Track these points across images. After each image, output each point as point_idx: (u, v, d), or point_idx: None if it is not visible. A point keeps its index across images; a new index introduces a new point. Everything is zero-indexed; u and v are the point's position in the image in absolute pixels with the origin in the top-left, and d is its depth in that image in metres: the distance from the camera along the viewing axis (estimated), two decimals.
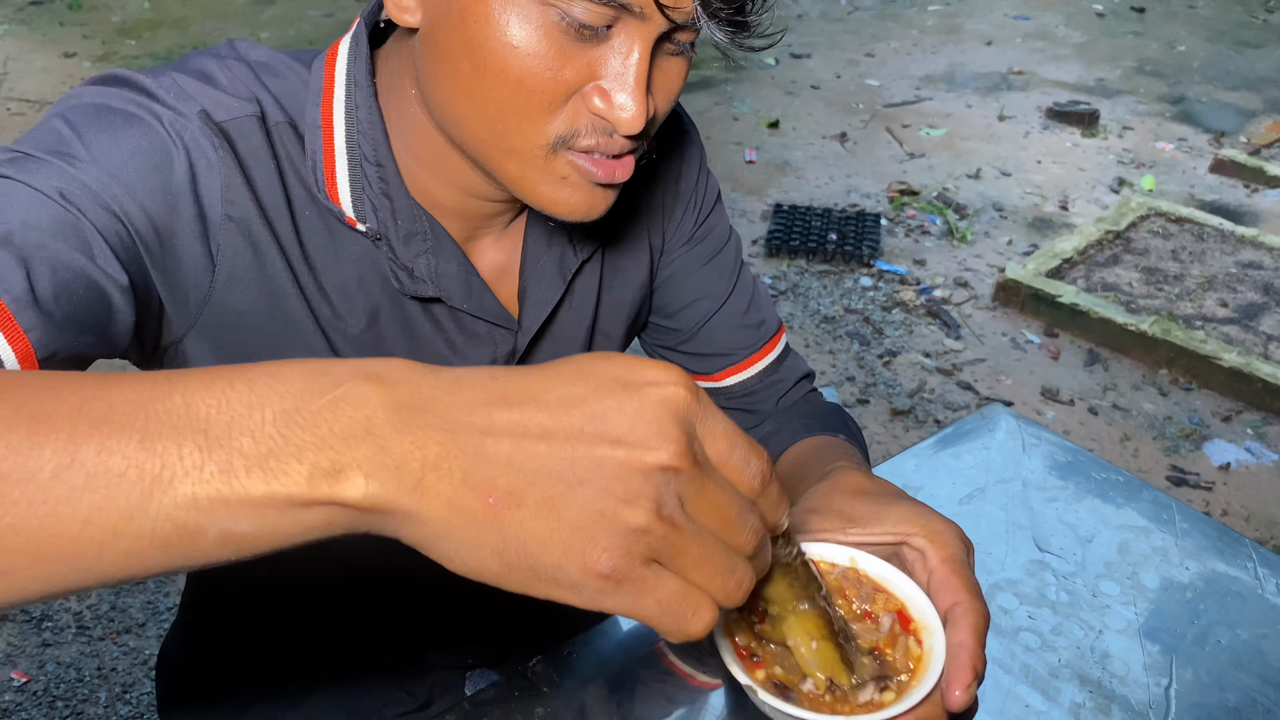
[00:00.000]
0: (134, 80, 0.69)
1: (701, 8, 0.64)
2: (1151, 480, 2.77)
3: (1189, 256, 3.72)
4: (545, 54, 0.64)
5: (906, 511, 0.69)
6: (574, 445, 0.42)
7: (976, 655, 0.61)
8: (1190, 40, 6.14)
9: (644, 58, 0.65)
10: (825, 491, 0.74)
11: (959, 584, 0.64)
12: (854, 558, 0.67)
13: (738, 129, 4.67)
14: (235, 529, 0.41)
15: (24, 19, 5.38)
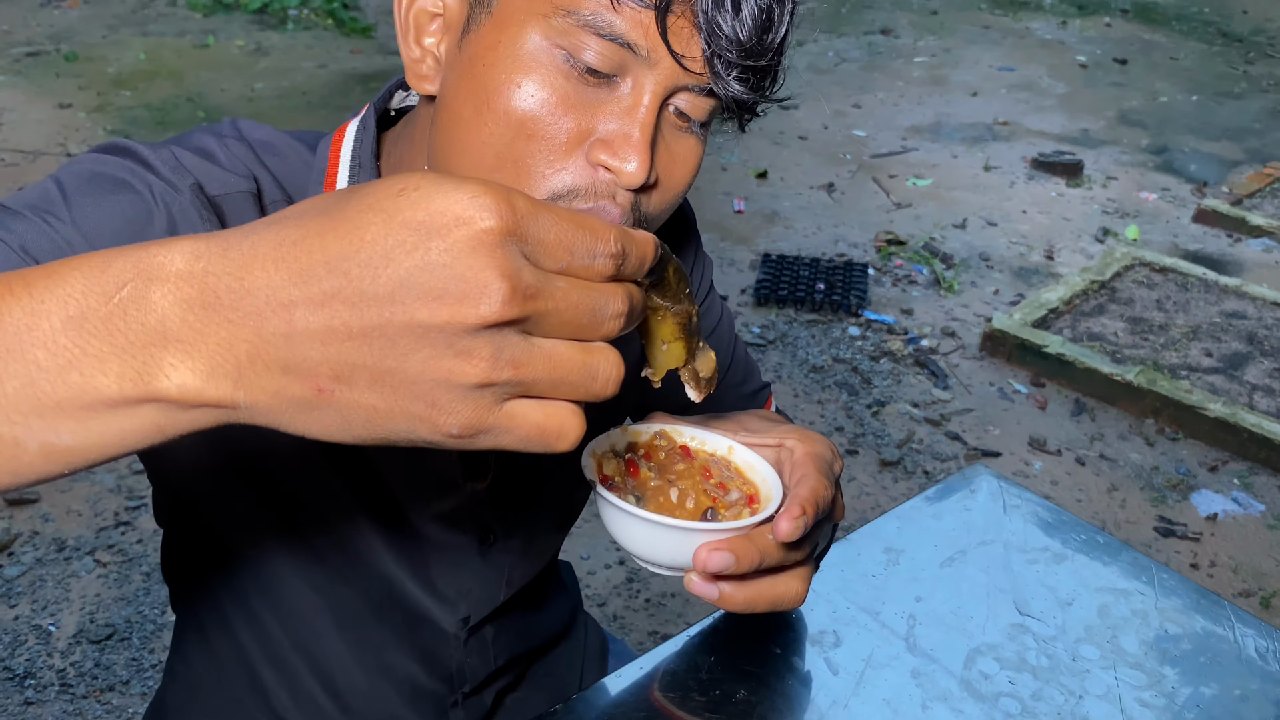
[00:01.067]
0: (134, 150, 0.70)
1: (711, 55, 0.64)
2: (1139, 531, 2.78)
3: (1173, 306, 3.75)
4: (549, 98, 0.64)
5: (793, 428, 0.78)
6: (391, 317, 0.39)
7: (808, 501, 0.67)
8: (1172, 91, 6.24)
9: (651, 109, 0.65)
10: (736, 414, 0.82)
11: (811, 465, 0.72)
12: (732, 447, 0.76)
13: (726, 179, 4.72)
14: (57, 441, 0.41)
15: (20, 70, 5.43)
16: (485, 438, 0.42)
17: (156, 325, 0.39)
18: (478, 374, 0.40)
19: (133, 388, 0.40)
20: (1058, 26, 7.42)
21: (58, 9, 6.45)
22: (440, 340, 0.40)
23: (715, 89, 0.66)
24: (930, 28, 7.22)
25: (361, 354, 0.40)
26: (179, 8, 6.59)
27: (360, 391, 0.40)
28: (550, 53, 0.64)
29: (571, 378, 0.43)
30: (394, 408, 0.41)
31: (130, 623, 2.28)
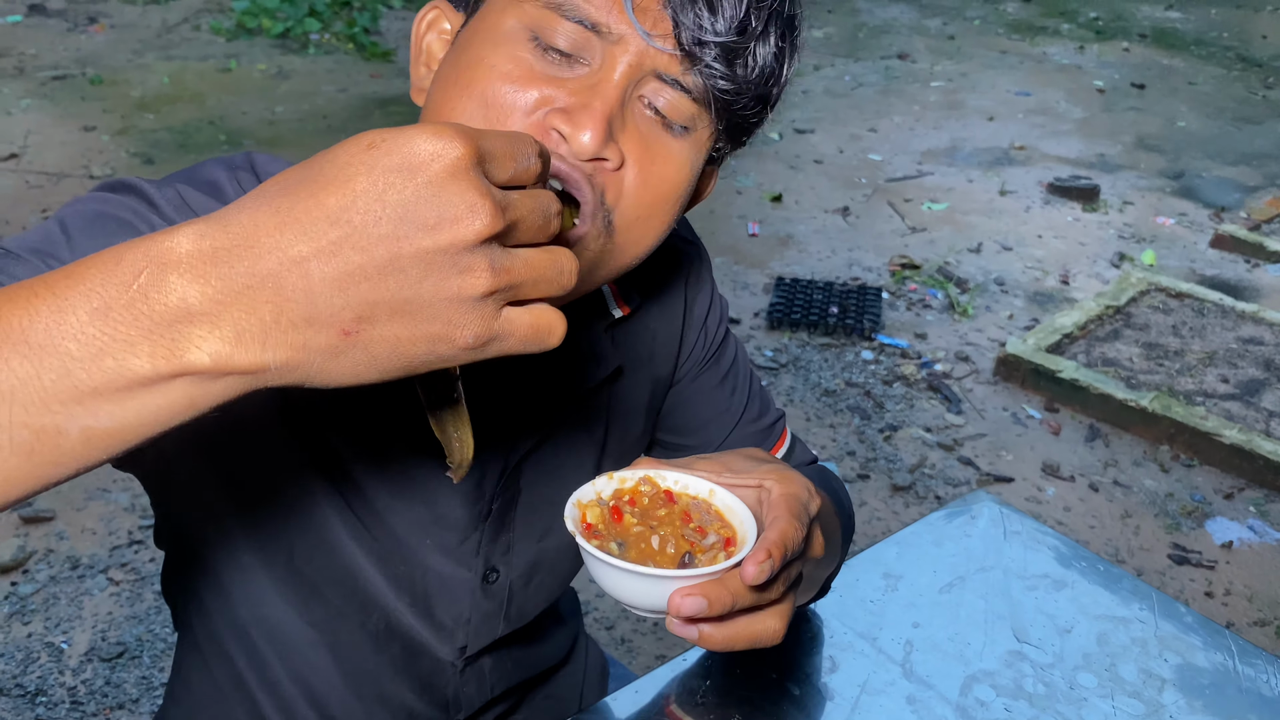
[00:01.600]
0: (138, 188, 0.72)
1: (680, 33, 0.65)
2: (1153, 559, 2.76)
3: (1189, 332, 3.73)
4: (513, 71, 0.67)
5: (774, 467, 0.79)
6: (399, 250, 0.43)
7: (775, 545, 0.69)
8: (1190, 116, 6.22)
9: (617, 86, 0.66)
10: (721, 453, 0.83)
11: (784, 508, 0.73)
12: (713, 490, 0.78)
13: (741, 202, 4.74)
14: (96, 425, 0.43)
15: (47, 93, 5.52)
16: (494, 345, 0.47)
17: (178, 304, 0.42)
18: (483, 285, 0.45)
19: (165, 364, 0.42)
20: (1075, 51, 7.42)
21: (85, 33, 6.56)
22: (445, 262, 0.44)
23: (683, 81, 0.67)
24: (947, 52, 7.23)
25: (379, 291, 0.43)
26: (203, 32, 6.69)
27: (383, 325, 0.44)
28: (520, 33, 0.67)
29: (547, 274, 0.48)
30: (415, 333, 0.45)
31: (141, 641, 2.30)
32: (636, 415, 0.98)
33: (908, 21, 7.97)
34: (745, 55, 0.67)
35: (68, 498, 2.68)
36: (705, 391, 1.02)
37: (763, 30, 0.67)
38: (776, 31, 0.68)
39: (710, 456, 0.82)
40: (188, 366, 0.43)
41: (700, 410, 1.02)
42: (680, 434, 1.04)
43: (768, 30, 0.67)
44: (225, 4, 7.22)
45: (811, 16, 3.39)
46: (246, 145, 4.99)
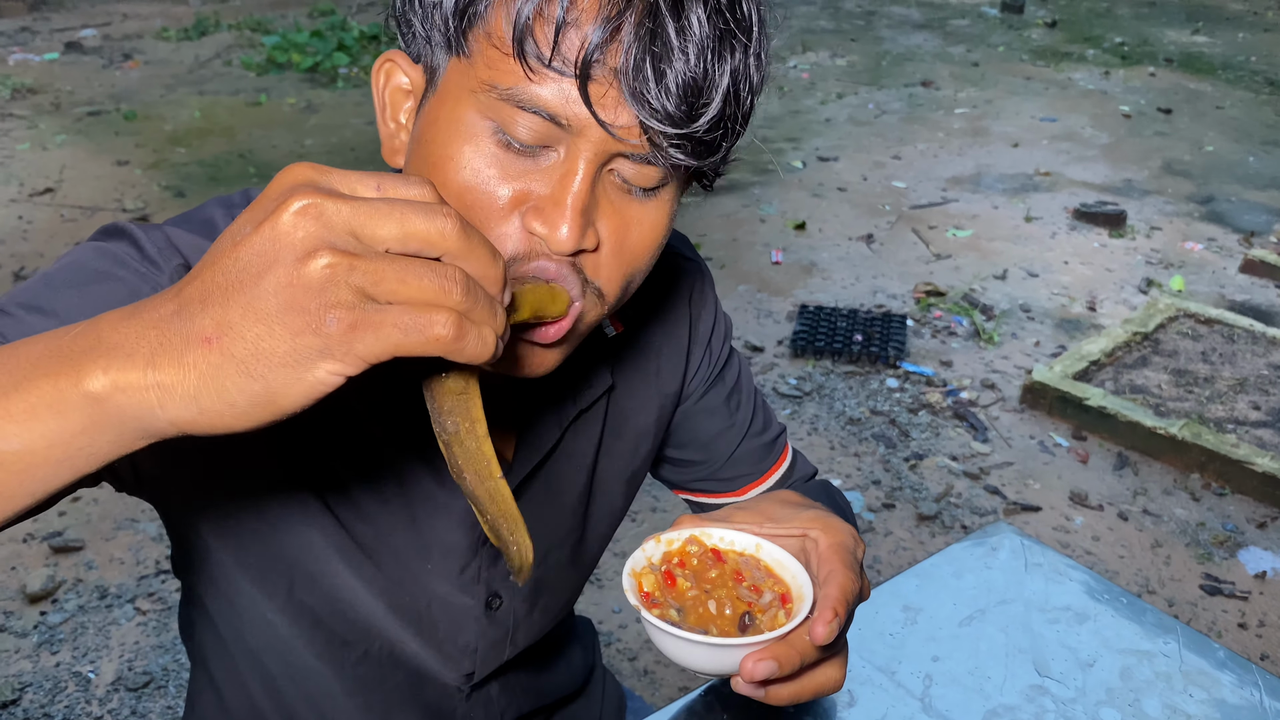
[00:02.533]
0: (129, 233, 0.74)
1: (645, 125, 0.63)
2: (1184, 589, 2.72)
3: (1219, 358, 3.69)
4: (483, 169, 0.66)
5: (814, 514, 0.80)
6: (235, 258, 0.46)
7: (839, 602, 0.71)
8: (1218, 140, 6.18)
9: (586, 177, 0.65)
10: (755, 499, 0.84)
11: (836, 560, 0.75)
12: (759, 544, 0.79)
13: (765, 230, 4.75)
14: (4, 448, 0.48)
15: (82, 128, 5.63)
16: (365, 334, 0.46)
17: (89, 345, 0.48)
18: (319, 261, 0.45)
19: (69, 387, 0.47)
20: (1101, 77, 7.40)
21: (119, 70, 6.69)
22: (277, 251, 0.46)
23: (652, 160, 0.66)
24: (971, 79, 7.23)
25: (226, 295, 0.46)
26: (234, 67, 6.81)
27: (239, 328, 0.46)
28: (484, 124, 0.65)
29: (419, 270, 0.47)
30: (272, 328, 0.46)
31: (167, 671, 2.31)
32: (639, 433, 0.98)
33: (931, 49, 7.99)
34: (706, 134, 0.65)
35: (97, 528, 2.71)
36: (712, 408, 1.03)
37: (721, 103, 0.64)
38: (740, 86, 0.65)
39: (747, 506, 0.83)
40: (86, 390, 0.47)
41: (708, 426, 1.03)
42: (688, 449, 1.05)
43: (726, 103, 0.64)
44: (256, 40, 7.35)
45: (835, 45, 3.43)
46: None
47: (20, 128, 5.61)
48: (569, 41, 0.61)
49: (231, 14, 8.02)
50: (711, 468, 1.06)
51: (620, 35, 0.60)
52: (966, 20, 8.94)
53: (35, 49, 7.02)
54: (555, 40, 0.61)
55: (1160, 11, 9.50)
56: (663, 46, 0.61)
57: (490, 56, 0.64)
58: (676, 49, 0.61)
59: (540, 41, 0.61)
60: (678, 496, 1.14)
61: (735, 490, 1.08)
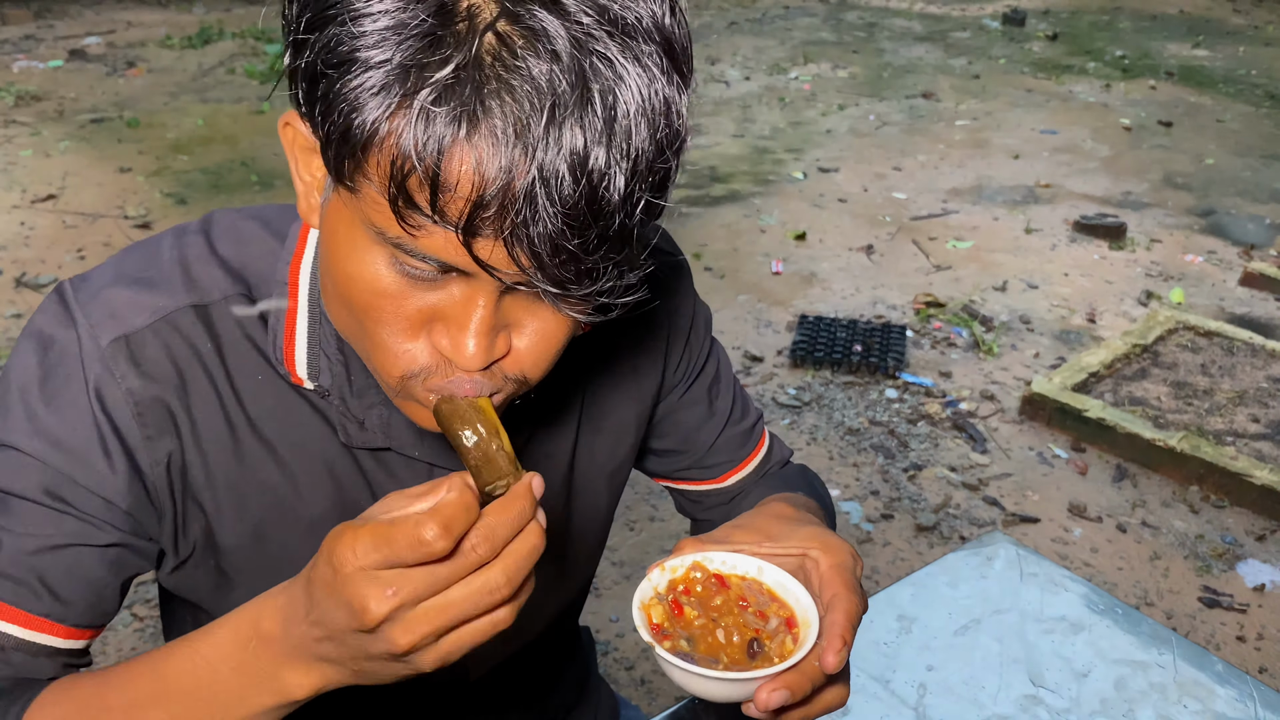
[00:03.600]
0: (66, 300, 0.78)
1: (534, 283, 0.60)
2: (1183, 601, 2.71)
3: (1219, 371, 3.69)
4: (384, 291, 0.64)
5: (810, 531, 0.80)
6: (335, 627, 0.63)
7: (846, 629, 0.72)
8: (1219, 153, 6.19)
9: (487, 306, 0.63)
10: (752, 514, 0.85)
11: (839, 582, 0.75)
12: (761, 567, 0.80)
13: (765, 241, 4.75)
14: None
15: (85, 135, 5.64)
16: (423, 653, 0.63)
17: (274, 656, 0.68)
18: (375, 608, 0.61)
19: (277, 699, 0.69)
20: (1101, 89, 7.42)
21: (122, 77, 6.71)
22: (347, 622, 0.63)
23: (549, 302, 0.63)
24: (972, 91, 7.25)
25: (334, 647, 0.65)
26: (237, 75, 6.83)
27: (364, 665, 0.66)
28: (380, 254, 0.63)
29: (453, 594, 0.62)
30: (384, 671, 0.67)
31: None
32: (619, 429, 0.99)
33: (933, 61, 8.01)
34: (595, 280, 0.62)
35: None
36: (694, 400, 1.04)
37: (616, 254, 0.61)
38: (635, 216, 0.60)
39: (744, 525, 0.83)
40: (284, 690, 0.69)
41: (690, 419, 1.04)
42: (669, 440, 1.06)
43: (617, 252, 0.61)
44: (259, 48, 7.38)
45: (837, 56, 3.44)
46: (278, 185, 5.07)
47: (23, 134, 5.62)
48: (446, 204, 0.57)
49: (235, 22, 8.05)
50: (694, 457, 1.07)
51: (499, 196, 0.56)
52: (968, 32, 8.96)
53: (39, 56, 7.04)
54: (433, 204, 0.57)
55: (1161, 25, 9.53)
56: (544, 209, 0.57)
57: (372, 199, 0.60)
58: (559, 210, 0.57)
59: (420, 201, 0.58)
60: (670, 500, 1.15)
61: (716, 478, 1.09)
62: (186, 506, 0.79)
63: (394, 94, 0.56)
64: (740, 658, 0.76)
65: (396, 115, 0.56)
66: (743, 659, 0.76)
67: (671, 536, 2.82)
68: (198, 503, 0.79)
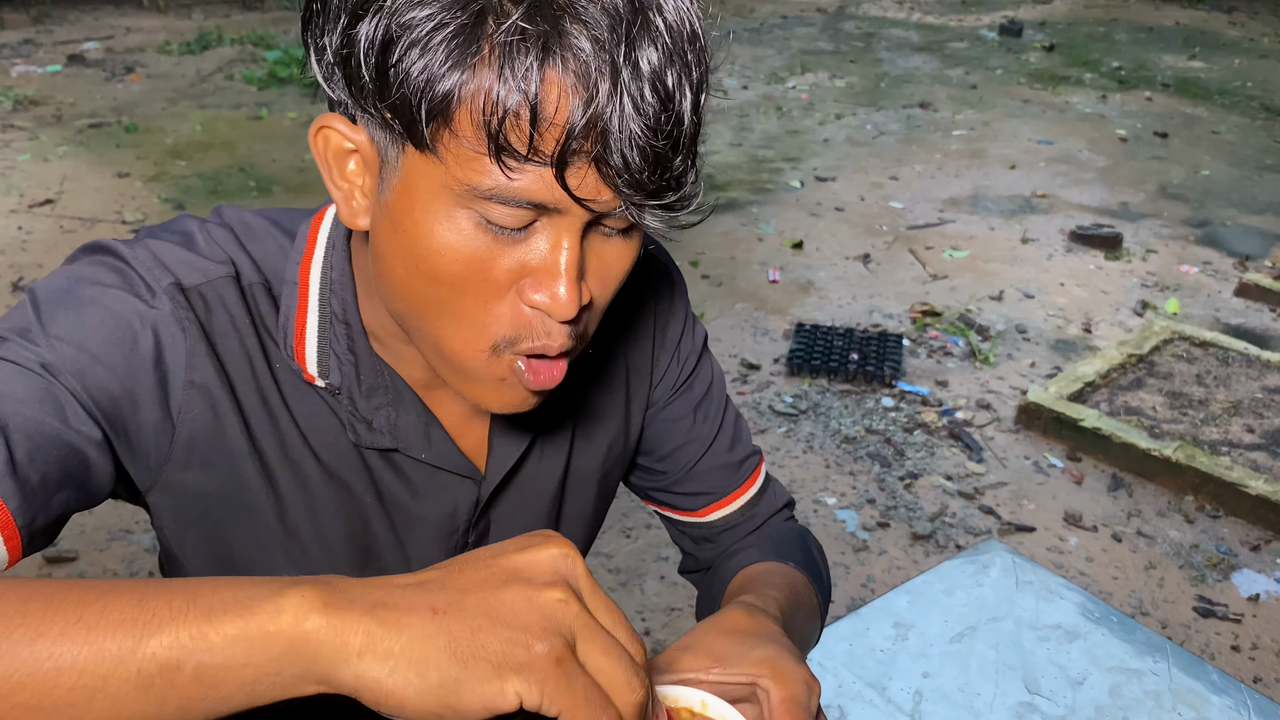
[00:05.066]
0: (112, 249, 0.74)
1: (624, 199, 0.63)
2: (1178, 611, 2.72)
3: (1214, 381, 3.70)
4: (473, 255, 0.65)
5: (764, 654, 0.74)
6: (489, 564, 0.53)
7: None
8: (1214, 165, 6.22)
9: (573, 248, 0.65)
10: (703, 629, 0.79)
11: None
12: (705, 701, 0.72)
13: (762, 249, 4.76)
14: (208, 661, 0.48)
15: (83, 140, 5.65)
16: (562, 671, 0.51)
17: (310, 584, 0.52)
18: (556, 593, 0.53)
19: (281, 620, 0.50)
20: (1098, 100, 7.45)
21: (121, 83, 6.72)
22: (533, 580, 0.53)
23: (633, 220, 0.66)
24: (969, 101, 7.27)
25: (468, 586, 0.53)
26: (235, 81, 6.84)
27: (468, 612, 0.51)
28: (465, 216, 0.64)
29: (620, 654, 0.54)
30: (495, 625, 0.51)
31: None
32: (610, 436, 0.98)
33: (930, 71, 8.04)
34: (680, 196, 0.66)
35: (91, 539, 2.71)
36: (677, 417, 1.01)
37: (689, 167, 0.65)
38: (701, 128, 0.66)
39: (692, 646, 0.76)
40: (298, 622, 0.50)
41: (671, 435, 1.01)
42: (650, 457, 1.03)
43: (692, 165, 0.65)
44: (258, 54, 7.39)
45: (834, 66, 3.46)
46: (275, 191, 5.08)
47: (21, 139, 5.63)
48: (543, 137, 0.60)
49: (234, 28, 8.06)
50: (671, 479, 1.04)
51: (591, 121, 0.60)
52: (965, 43, 9.00)
53: (38, 61, 7.05)
54: (530, 139, 0.60)
55: (1157, 37, 9.57)
56: (632, 123, 0.61)
57: (461, 156, 0.62)
58: (644, 124, 0.61)
59: (515, 142, 0.60)
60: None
61: (697, 510, 1.05)
62: (190, 463, 0.77)
63: (472, 43, 0.59)
64: None
65: (480, 63, 0.59)
66: None
67: (668, 544, 2.82)
68: (205, 463, 0.77)
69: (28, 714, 0.47)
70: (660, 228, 0.67)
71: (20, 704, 0.47)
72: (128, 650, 0.48)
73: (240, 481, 0.79)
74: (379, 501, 0.85)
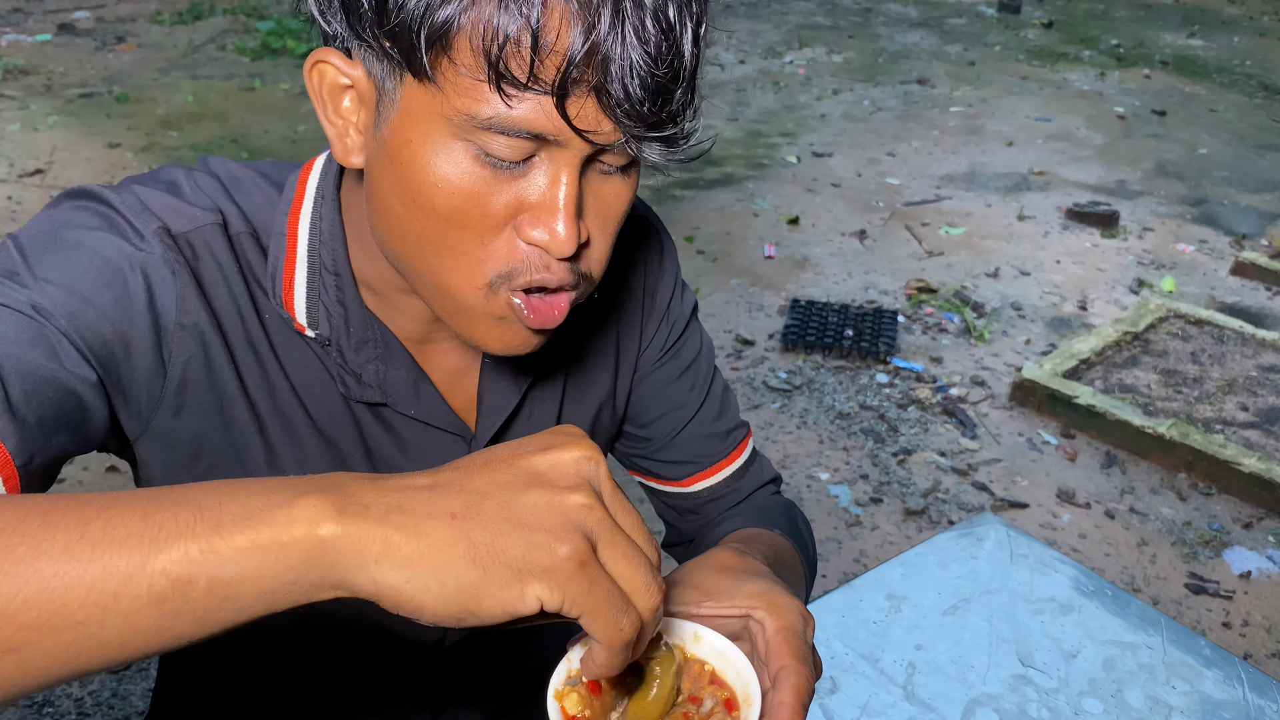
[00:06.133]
0: (98, 194, 0.72)
1: (624, 130, 0.63)
2: (1169, 588, 2.72)
3: (1209, 359, 3.70)
4: (471, 188, 0.65)
5: (756, 587, 0.72)
6: (509, 465, 0.52)
7: (795, 710, 0.66)
8: (1211, 143, 6.19)
9: (571, 183, 0.65)
10: (691, 566, 0.77)
11: (787, 651, 0.68)
12: (697, 633, 0.71)
13: (758, 225, 4.74)
14: (222, 574, 0.47)
15: (73, 110, 5.59)
16: (585, 574, 0.51)
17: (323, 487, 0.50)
18: (580, 498, 0.52)
19: (294, 529, 0.48)
20: (1096, 78, 7.41)
21: (112, 52, 6.65)
22: (555, 483, 0.52)
23: (632, 152, 0.66)
24: (967, 78, 7.23)
25: (488, 490, 0.51)
26: (228, 52, 6.77)
27: (488, 517, 0.50)
28: (463, 148, 0.64)
29: (640, 559, 0.53)
30: (516, 529, 0.50)
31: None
32: (599, 402, 0.97)
33: (928, 47, 7.99)
34: (679, 128, 0.66)
35: None
36: (663, 383, 1.00)
37: (688, 99, 0.65)
38: (700, 59, 0.66)
39: (684, 581, 0.75)
40: (312, 529, 0.48)
41: (656, 401, 1.00)
42: (637, 424, 1.02)
43: (690, 97, 0.66)
44: (250, 25, 7.32)
45: (832, 41, 3.45)
46: None
47: (11, 108, 5.57)
48: (543, 64, 0.60)
49: None
50: (655, 446, 1.03)
51: (592, 49, 0.60)
52: (963, 19, 8.94)
53: (28, 30, 6.97)
54: (531, 65, 0.60)
55: (1156, 14, 9.52)
56: (633, 52, 0.60)
57: (460, 84, 0.62)
58: (645, 53, 0.61)
59: (515, 69, 0.60)
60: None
61: (681, 480, 1.04)
62: (182, 408, 0.76)
63: None
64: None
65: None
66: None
67: (653, 519, 2.82)
68: (197, 407, 0.76)
69: (38, 634, 0.45)
70: (659, 161, 0.66)
71: (29, 624, 0.45)
72: (136, 566, 0.46)
73: (231, 426, 0.78)
74: (367, 457, 0.84)
